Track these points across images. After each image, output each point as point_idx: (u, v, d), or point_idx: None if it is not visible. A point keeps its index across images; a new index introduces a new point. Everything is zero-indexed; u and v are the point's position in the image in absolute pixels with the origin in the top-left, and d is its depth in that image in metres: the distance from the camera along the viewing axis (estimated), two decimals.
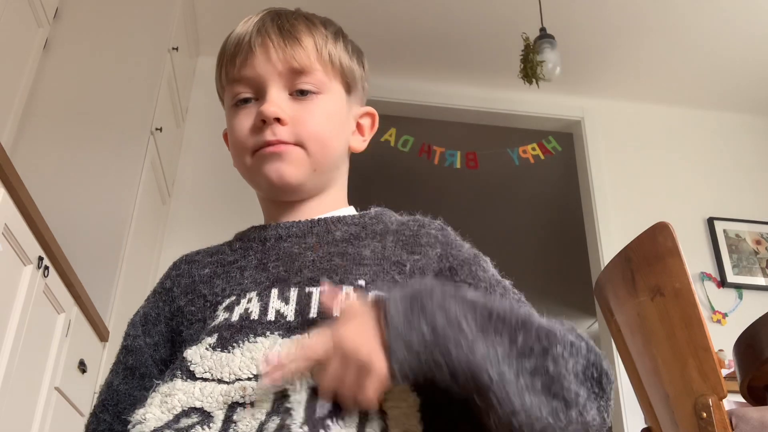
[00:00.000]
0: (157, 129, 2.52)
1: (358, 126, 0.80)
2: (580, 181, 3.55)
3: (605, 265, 1.62)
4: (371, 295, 0.58)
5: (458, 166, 3.33)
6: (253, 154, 0.71)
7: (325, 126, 0.72)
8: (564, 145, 3.40)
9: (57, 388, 1.65)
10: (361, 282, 0.64)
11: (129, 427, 0.59)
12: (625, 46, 3.29)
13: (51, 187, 2.18)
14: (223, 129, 0.80)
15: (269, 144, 0.70)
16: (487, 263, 0.70)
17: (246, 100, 0.73)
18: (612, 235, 3.24)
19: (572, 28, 3.12)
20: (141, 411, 0.59)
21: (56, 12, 2.30)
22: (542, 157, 3.30)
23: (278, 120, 0.69)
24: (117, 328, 2.13)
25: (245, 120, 0.72)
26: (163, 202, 2.82)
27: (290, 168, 0.70)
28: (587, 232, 3.41)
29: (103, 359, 2.04)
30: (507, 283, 0.69)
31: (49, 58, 2.41)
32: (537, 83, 2.66)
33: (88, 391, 1.90)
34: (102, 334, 2.02)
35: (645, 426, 1.48)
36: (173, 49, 2.67)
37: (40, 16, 2.11)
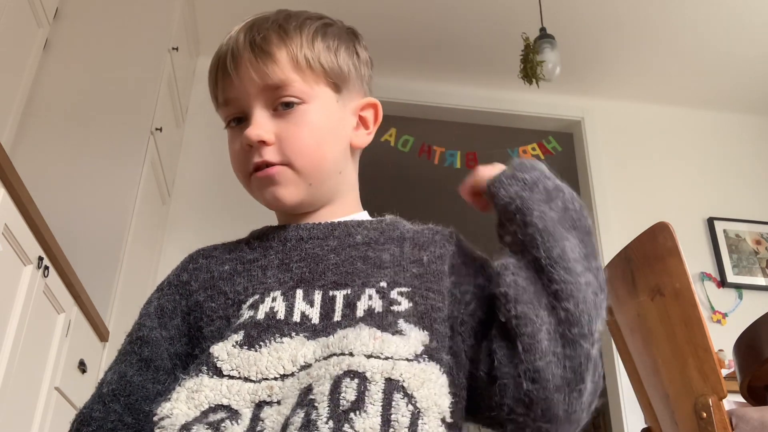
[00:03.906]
0: (157, 129, 2.52)
1: (361, 119, 0.78)
2: (580, 181, 3.55)
3: (605, 265, 1.61)
4: None
5: (458, 166, 3.33)
6: (249, 177, 0.72)
7: (312, 139, 0.71)
8: (564, 145, 3.40)
9: (57, 388, 1.65)
10: (383, 284, 0.65)
11: (155, 419, 0.58)
12: (626, 46, 3.29)
13: (51, 187, 2.18)
14: (222, 129, 0.80)
15: (258, 167, 0.70)
16: None
17: (239, 120, 0.73)
18: (612, 235, 3.24)
19: (572, 28, 3.12)
20: (167, 405, 0.58)
21: (56, 12, 2.31)
22: (542, 157, 3.30)
23: (263, 142, 0.70)
24: (117, 328, 2.13)
25: (237, 143, 0.73)
26: (163, 202, 2.82)
27: (283, 190, 0.71)
28: None
29: (103, 359, 2.04)
30: None
31: (49, 58, 2.41)
32: (537, 83, 2.67)
33: (88, 391, 1.90)
34: (102, 334, 2.02)
35: (645, 426, 1.48)
36: (173, 49, 2.67)
37: (40, 16, 2.11)
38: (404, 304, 0.62)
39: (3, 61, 1.92)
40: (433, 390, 0.55)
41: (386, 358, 0.56)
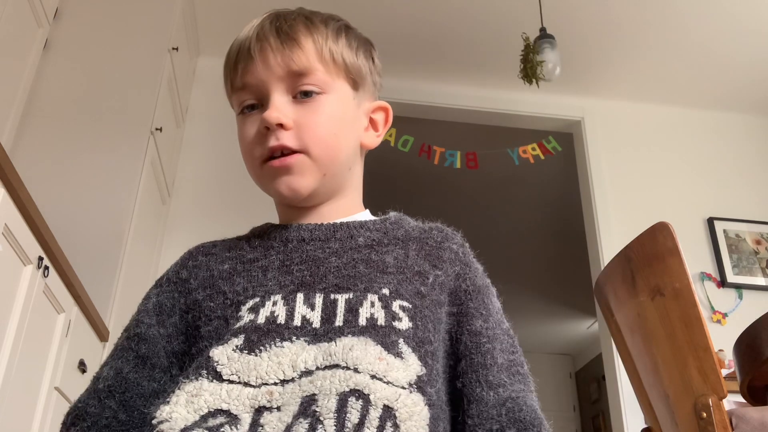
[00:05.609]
0: (157, 129, 2.52)
1: (372, 121, 0.79)
2: (580, 181, 3.55)
3: (605, 265, 1.61)
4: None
5: (458, 166, 3.33)
6: (261, 165, 0.71)
7: (330, 128, 0.71)
8: (564, 145, 3.40)
9: (57, 388, 1.65)
10: (386, 291, 0.65)
11: (154, 422, 0.58)
12: (625, 46, 3.29)
13: (51, 187, 2.18)
14: (222, 129, 0.80)
15: (273, 151, 0.69)
16: (495, 295, 0.73)
17: (253, 107, 0.72)
18: (612, 235, 3.24)
19: (572, 28, 3.12)
20: (166, 409, 0.58)
21: (56, 12, 2.31)
22: (542, 157, 3.30)
23: (281, 125, 0.69)
24: (117, 328, 2.13)
25: (251, 128, 0.72)
26: (163, 202, 2.82)
27: (299, 179, 0.70)
28: (587, 232, 3.41)
29: (103, 359, 2.04)
30: (507, 325, 0.71)
31: (49, 58, 2.41)
32: (537, 83, 2.66)
33: None
34: (102, 334, 2.02)
35: (645, 426, 1.48)
36: (173, 49, 2.67)
37: (40, 16, 2.11)
38: (405, 323, 0.62)
39: (3, 61, 1.92)
40: (417, 422, 0.56)
41: (388, 383, 0.56)
